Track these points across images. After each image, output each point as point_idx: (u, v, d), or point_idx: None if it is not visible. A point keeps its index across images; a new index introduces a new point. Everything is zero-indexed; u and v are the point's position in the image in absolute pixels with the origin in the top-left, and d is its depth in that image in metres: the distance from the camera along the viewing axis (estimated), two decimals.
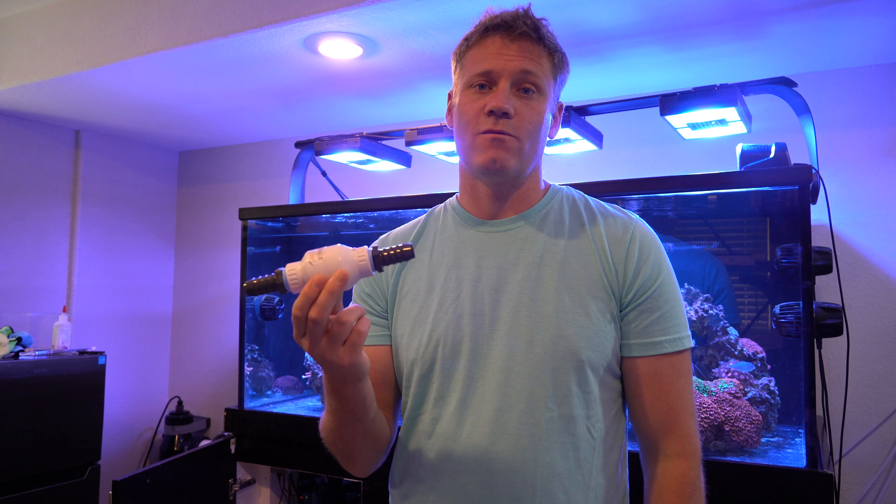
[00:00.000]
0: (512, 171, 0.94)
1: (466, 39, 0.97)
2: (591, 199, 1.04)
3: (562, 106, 1.04)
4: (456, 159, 2.35)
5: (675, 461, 0.93)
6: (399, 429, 1.03)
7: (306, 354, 2.40)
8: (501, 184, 0.98)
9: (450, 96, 1.04)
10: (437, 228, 1.06)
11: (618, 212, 1.01)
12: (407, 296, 1.02)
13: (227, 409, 2.29)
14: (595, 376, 0.92)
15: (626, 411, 1.00)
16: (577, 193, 1.05)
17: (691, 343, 0.97)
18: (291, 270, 0.77)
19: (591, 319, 0.92)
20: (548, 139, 1.00)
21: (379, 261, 0.78)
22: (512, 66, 0.92)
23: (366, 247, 0.79)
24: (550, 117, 0.98)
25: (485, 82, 0.93)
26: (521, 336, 0.92)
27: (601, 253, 0.96)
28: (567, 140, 1.98)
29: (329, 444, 0.95)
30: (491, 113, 0.91)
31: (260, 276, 0.78)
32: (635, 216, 1.01)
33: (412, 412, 0.99)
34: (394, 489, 1.02)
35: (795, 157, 1.69)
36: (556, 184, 1.07)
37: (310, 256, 0.77)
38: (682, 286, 1.81)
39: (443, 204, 1.10)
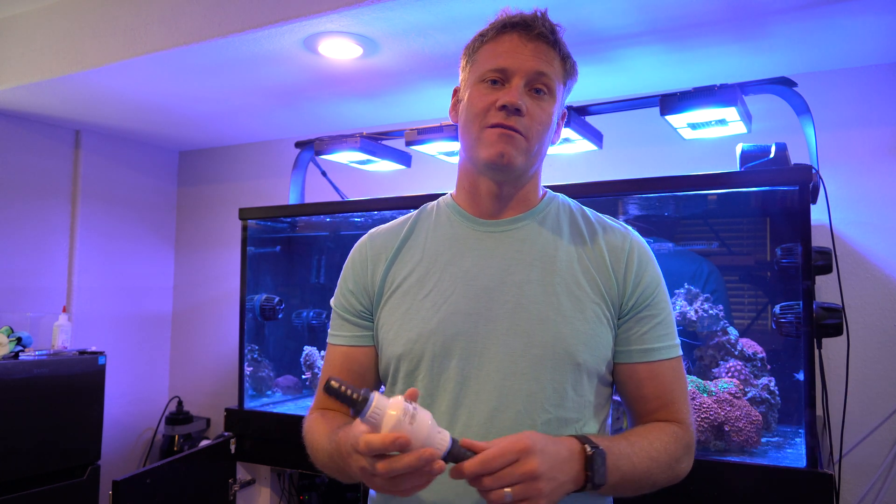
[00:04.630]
0: (518, 168, 0.94)
1: (482, 35, 0.97)
2: (588, 209, 1.05)
3: (565, 113, 1.04)
4: (457, 159, 2.36)
5: (672, 425, 0.95)
6: None
7: (304, 355, 2.40)
8: (504, 182, 0.98)
9: (455, 92, 1.03)
10: (429, 225, 1.04)
11: (615, 223, 1.02)
12: (396, 293, 1.00)
13: (227, 409, 2.29)
14: (590, 380, 0.94)
15: (610, 420, 1.02)
16: (572, 202, 1.06)
17: (681, 351, 1.00)
18: (378, 408, 0.73)
19: (588, 324, 0.93)
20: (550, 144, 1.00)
21: (451, 456, 0.75)
22: (528, 66, 0.92)
23: (448, 435, 0.76)
24: (556, 121, 0.99)
25: (498, 78, 0.93)
26: (519, 336, 0.92)
27: (600, 262, 0.97)
28: (567, 140, 1.98)
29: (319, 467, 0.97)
30: (503, 108, 0.91)
31: (345, 386, 0.73)
32: (630, 227, 1.03)
33: None
34: (376, 492, 0.99)
35: (795, 157, 1.69)
36: (550, 191, 1.07)
37: (403, 412, 0.73)
38: (681, 287, 1.81)
39: (434, 201, 1.09)
